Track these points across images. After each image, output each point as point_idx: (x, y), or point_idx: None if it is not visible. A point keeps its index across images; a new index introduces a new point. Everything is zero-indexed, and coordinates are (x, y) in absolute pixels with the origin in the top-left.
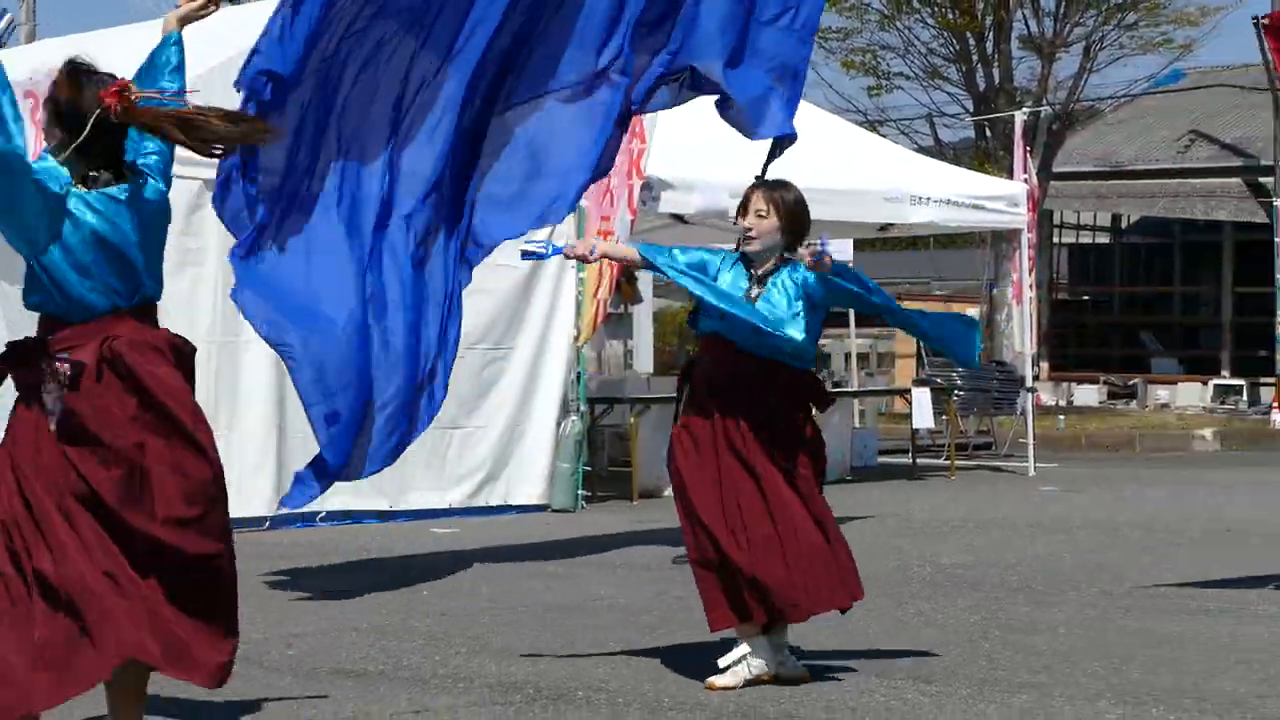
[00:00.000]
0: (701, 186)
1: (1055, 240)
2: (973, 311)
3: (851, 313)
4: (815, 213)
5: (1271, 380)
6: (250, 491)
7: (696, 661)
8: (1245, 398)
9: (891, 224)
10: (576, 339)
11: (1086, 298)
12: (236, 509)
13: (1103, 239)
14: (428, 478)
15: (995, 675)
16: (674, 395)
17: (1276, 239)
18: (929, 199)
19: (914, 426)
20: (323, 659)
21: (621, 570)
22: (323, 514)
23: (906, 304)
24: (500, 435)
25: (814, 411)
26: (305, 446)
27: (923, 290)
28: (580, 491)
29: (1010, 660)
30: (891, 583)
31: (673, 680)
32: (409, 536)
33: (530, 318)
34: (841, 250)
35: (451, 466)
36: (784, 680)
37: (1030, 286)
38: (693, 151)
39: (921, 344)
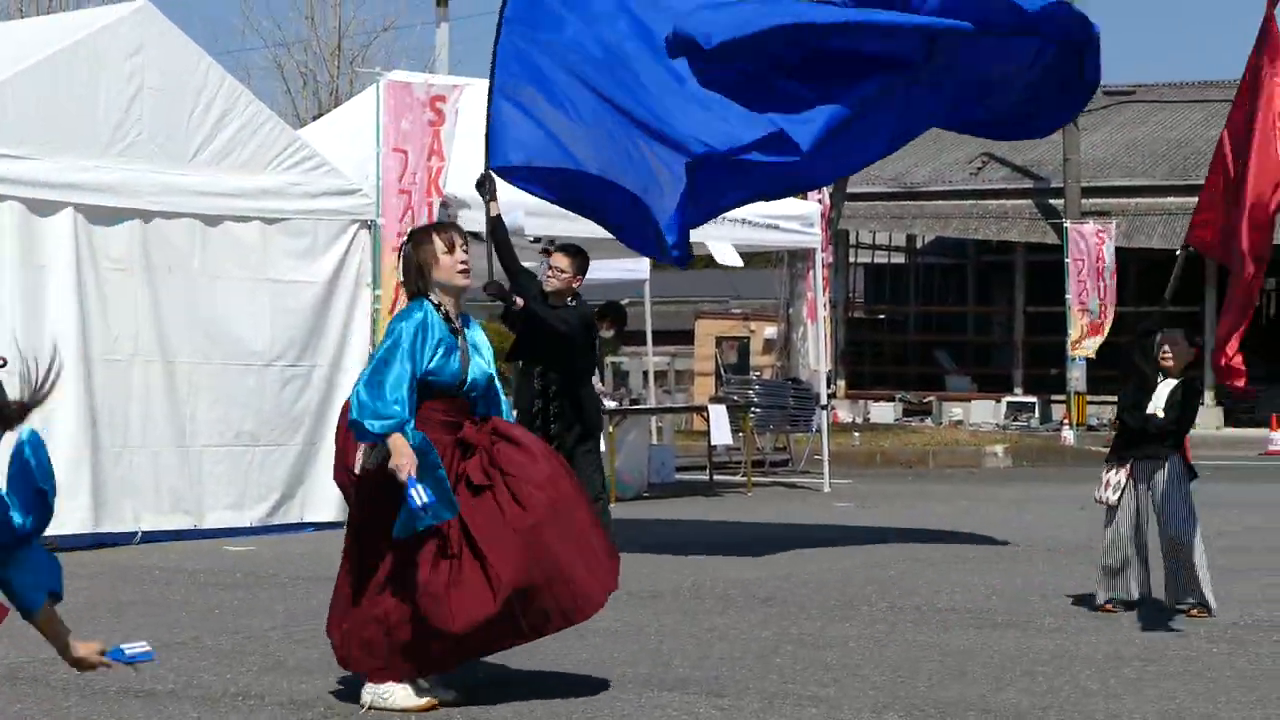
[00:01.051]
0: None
1: (851, 260)
2: (770, 331)
3: (649, 330)
4: (606, 232)
5: (1062, 398)
6: (66, 510)
7: (496, 670)
8: (1037, 414)
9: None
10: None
11: (882, 316)
12: (50, 528)
13: (898, 259)
14: (230, 495)
15: (786, 689)
16: (647, 407)
17: (1067, 260)
18: (725, 219)
19: (711, 443)
20: (111, 678)
21: None
22: (139, 535)
23: (707, 323)
24: (300, 453)
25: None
26: (118, 463)
27: (722, 308)
28: None
29: (800, 674)
30: (686, 598)
31: (469, 693)
32: (205, 554)
33: (327, 334)
34: (638, 270)
35: (253, 484)
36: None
37: (825, 305)
38: None
39: (719, 361)
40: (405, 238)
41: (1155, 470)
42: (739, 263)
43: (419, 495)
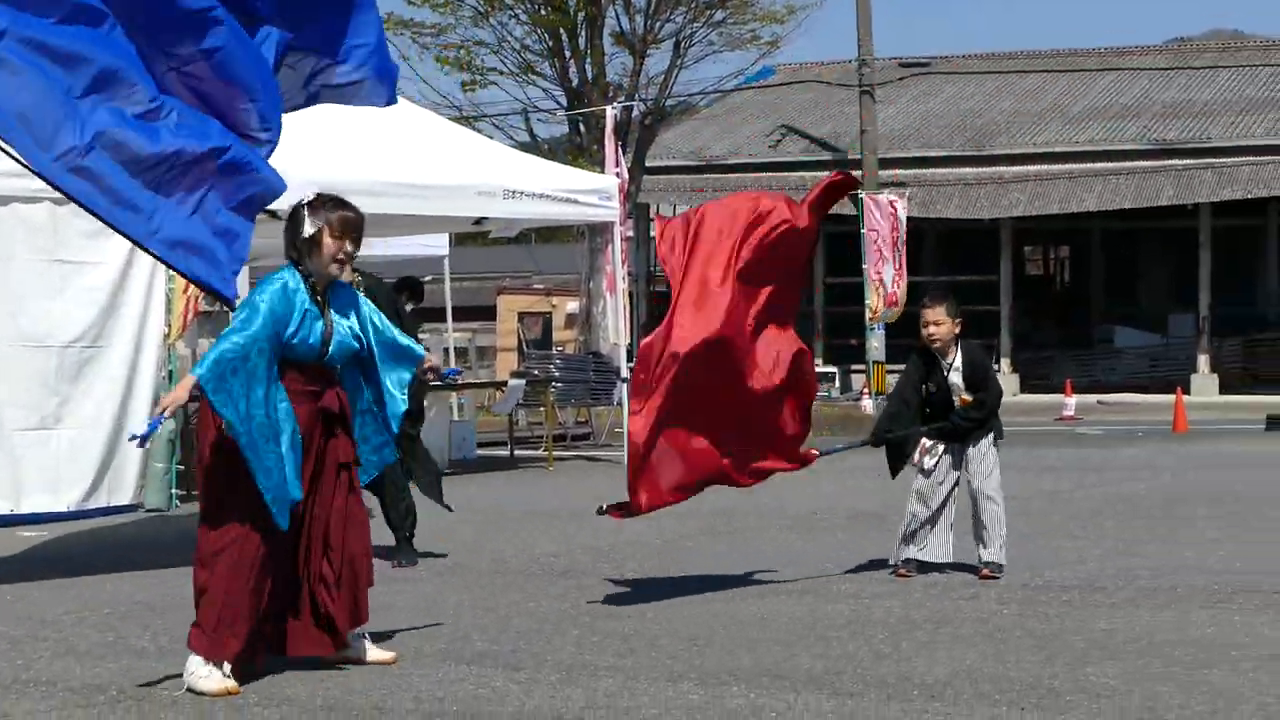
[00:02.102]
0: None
1: (651, 233)
2: (572, 305)
3: (449, 307)
4: (410, 208)
5: (862, 367)
6: None
7: (282, 658)
8: (838, 384)
9: (485, 218)
10: (167, 336)
11: None
12: None
13: None
14: (43, 479)
15: (583, 660)
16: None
17: (864, 230)
18: (522, 193)
19: (493, 411)
20: None
21: None
22: None
23: (509, 299)
24: (108, 435)
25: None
26: None
27: (524, 284)
28: (174, 490)
29: (598, 645)
30: (486, 574)
31: (258, 676)
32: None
33: (125, 315)
34: (437, 246)
35: (65, 468)
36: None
37: (624, 279)
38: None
39: (522, 336)
40: (306, 198)
41: (969, 443)
42: (512, 233)
43: (143, 428)
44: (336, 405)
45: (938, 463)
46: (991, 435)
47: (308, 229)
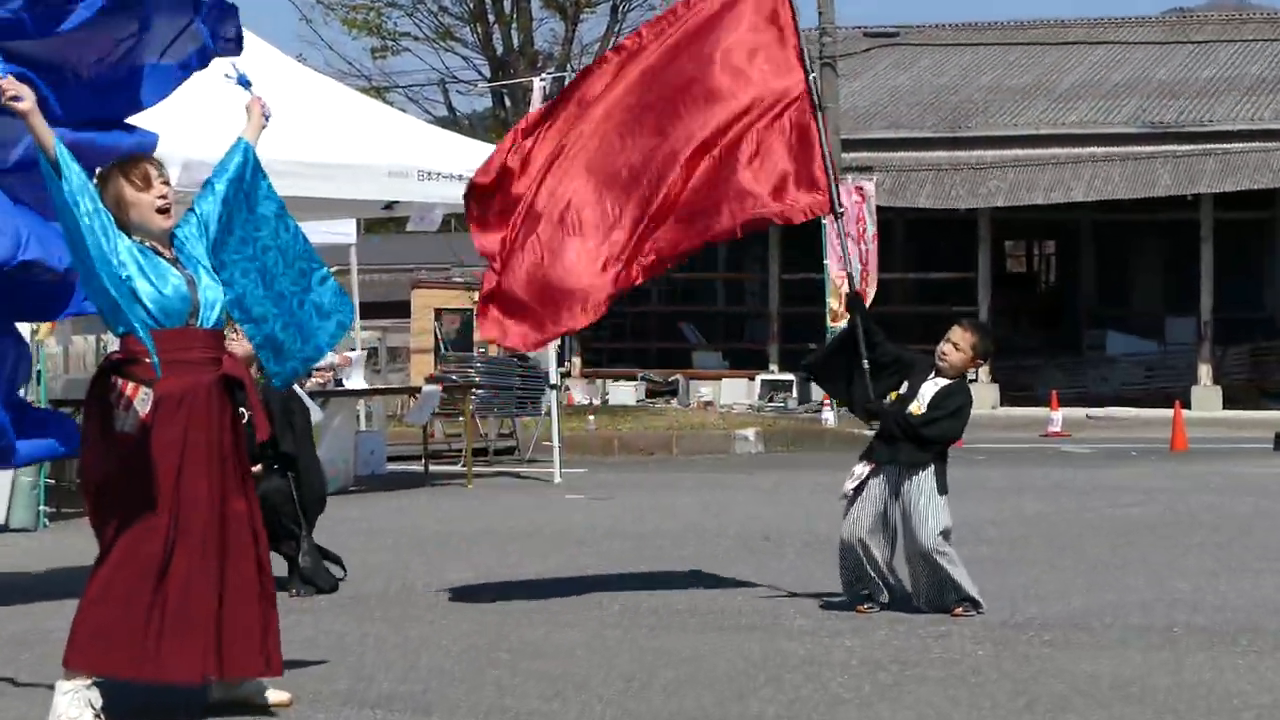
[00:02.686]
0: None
1: None
2: None
3: (356, 302)
4: (312, 190)
5: None
6: None
7: (156, 696)
8: (795, 394)
9: (397, 202)
10: (35, 334)
11: None
12: None
13: None
14: None
15: (503, 704)
16: (361, 389)
17: (825, 221)
18: (439, 174)
19: (408, 423)
20: None
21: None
22: None
23: (424, 294)
24: None
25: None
26: None
27: (442, 277)
28: (43, 508)
29: (519, 687)
30: (393, 604)
31: (138, 712)
32: None
33: None
34: (343, 233)
35: None
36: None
37: None
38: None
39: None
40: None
41: (904, 480)
42: (434, 226)
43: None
44: (241, 371)
45: (865, 499)
46: (934, 481)
47: (110, 197)
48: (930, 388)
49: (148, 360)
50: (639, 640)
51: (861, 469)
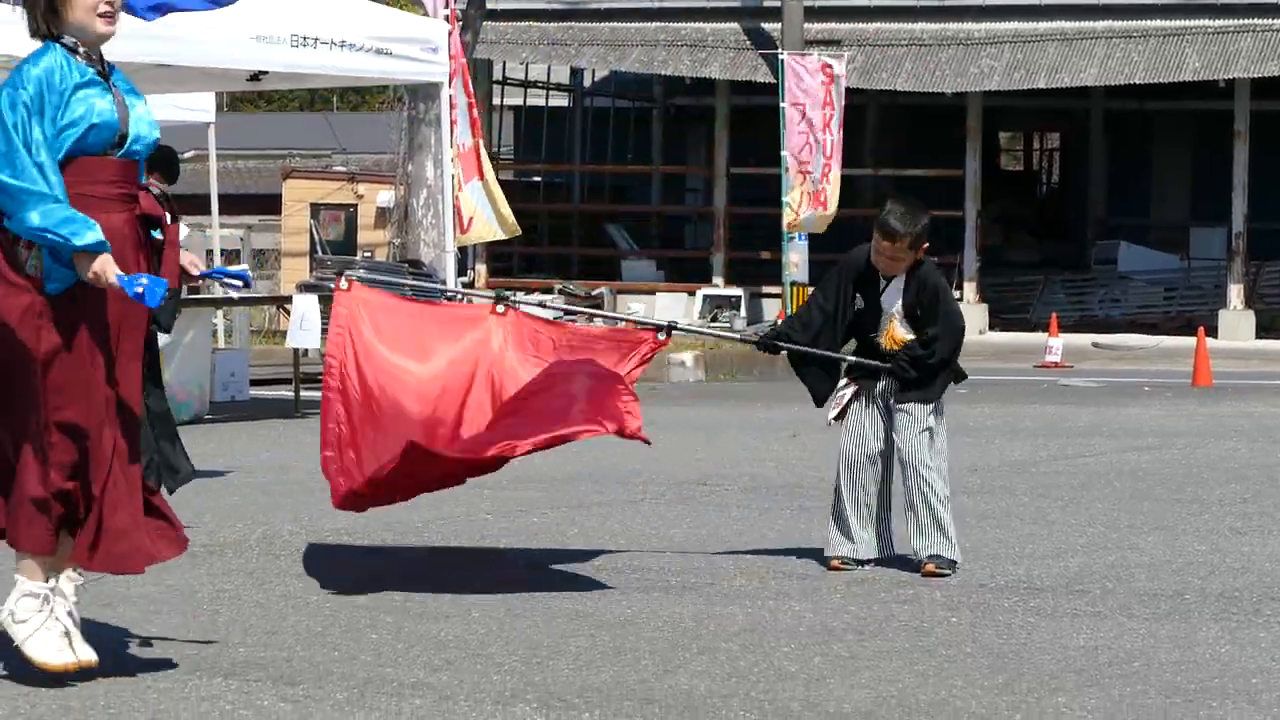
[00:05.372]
0: None
1: (496, 101)
2: (385, 196)
3: (214, 194)
4: (161, 55)
5: (776, 290)
6: None
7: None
8: (744, 312)
9: (265, 72)
10: None
11: (537, 179)
12: None
13: (560, 100)
14: None
15: (381, 673)
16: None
17: (783, 104)
18: (316, 40)
19: (291, 346)
20: None
21: None
22: None
23: (298, 185)
24: None
25: None
26: None
27: (320, 166)
28: None
29: (404, 654)
30: (254, 554)
31: None
32: None
33: None
34: (200, 110)
35: None
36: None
37: (454, 160)
38: None
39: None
40: None
41: (893, 396)
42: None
43: (140, 283)
44: (158, 209)
45: (856, 418)
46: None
47: None
48: (893, 297)
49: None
50: (547, 602)
51: (845, 390)
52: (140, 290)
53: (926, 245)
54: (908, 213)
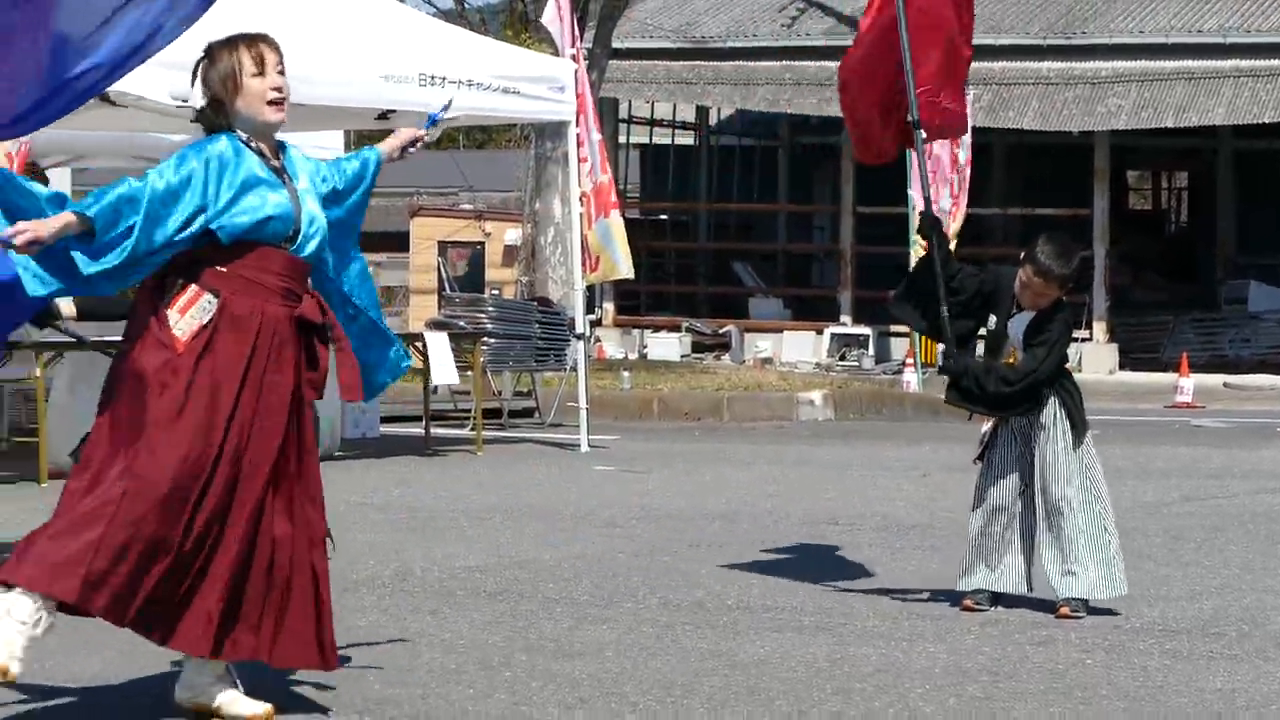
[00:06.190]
0: None
1: (621, 140)
2: (512, 234)
3: None
4: (293, 95)
5: (904, 329)
6: None
7: (106, 694)
8: (871, 351)
9: (394, 111)
10: None
11: (663, 217)
12: None
13: (685, 139)
14: None
15: (517, 711)
16: (107, 339)
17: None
18: (444, 79)
19: (432, 384)
20: None
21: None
22: None
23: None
24: None
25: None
26: None
27: (448, 203)
28: None
29: (538, 692)
30: (388, 591)
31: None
32: None
33: None
34: (330, 147)
35: None
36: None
37: (582, 198)
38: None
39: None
40: (203, 51)
41: (1033, 427)
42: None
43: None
44: (318, 315)
45: (996, 457)
46: (1067, 427)
47: (219, 72)
48: (1019, 323)
49: (220, 268)
50: (681, 640)
51: (987, 427)
52: None
53: (1073, 285)
54: (1062, 254)
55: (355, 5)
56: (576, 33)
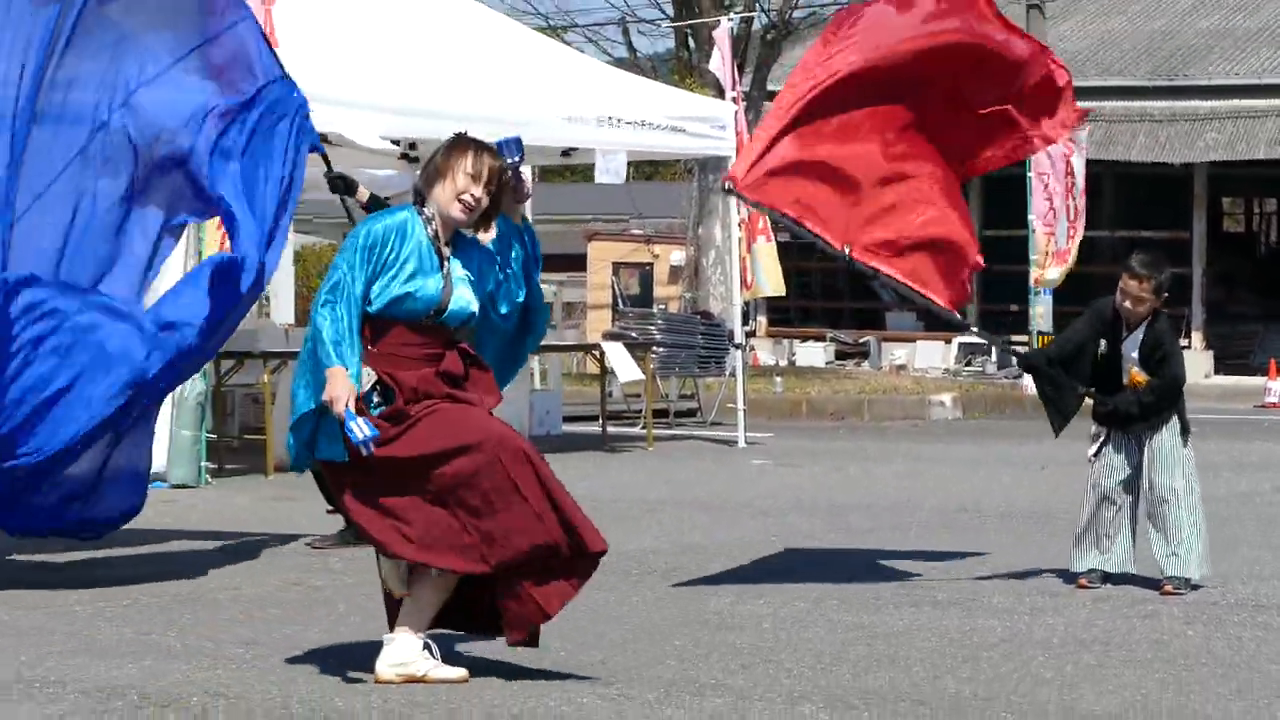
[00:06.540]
0: None
1: None
2: (677, 256)
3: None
4: (484, 134)
5: (1024, 339)
6: None
7: (331, 661)
8: (994, 358)
9: (575, 149)
10: None
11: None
12: None
13: None
14: None
15: (686, 675)
16: None
17: (1030, 174)
18: (620, 120)
19: (608, 385)
20: None
21: (248, 556)
22: None
23: (601, 246)
24: None
25: None
26: None
27: (620, 228)
28: (204, 463)
29: (704, 659)
30: None
31: (303, 682)
32: None
33: None
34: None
35: None
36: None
37: (740, 225)
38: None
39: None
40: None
41: (1145, 431)
42: (619, 179)
43: (360, 429)
44: (460, 368)
45: (1109, 453)
46: (1176, 428)
47: (440, 159)
48: (1130, 346)
49: (371, 348)
50: (830, 614)
51: (1100, 429)
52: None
53: (1167, 295)
54: (1152, 261)
55: (542, 57)
56: (736, 77)
